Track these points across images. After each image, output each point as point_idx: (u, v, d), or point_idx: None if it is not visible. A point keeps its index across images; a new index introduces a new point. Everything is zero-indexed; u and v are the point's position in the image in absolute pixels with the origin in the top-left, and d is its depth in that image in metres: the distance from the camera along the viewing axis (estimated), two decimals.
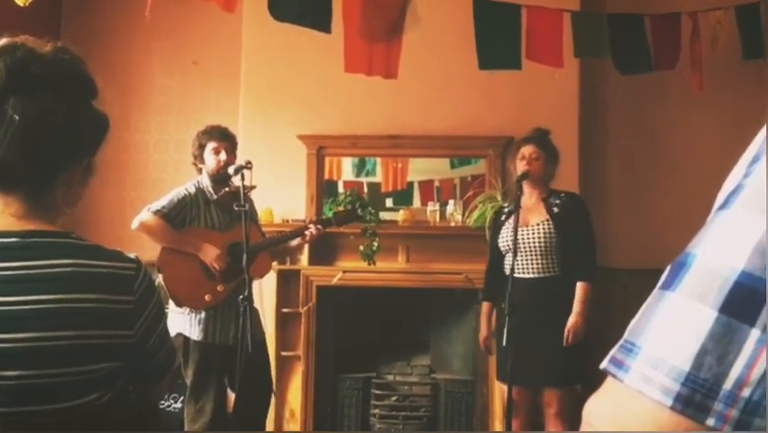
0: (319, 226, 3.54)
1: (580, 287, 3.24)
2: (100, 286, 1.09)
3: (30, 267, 1.05)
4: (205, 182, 3.43)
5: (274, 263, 4.37)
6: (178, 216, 3.31)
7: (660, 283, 0.52)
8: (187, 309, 3.30)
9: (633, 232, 4.80)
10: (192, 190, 3.39)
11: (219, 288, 3.30)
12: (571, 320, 3.20)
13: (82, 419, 1.06)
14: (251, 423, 3.36)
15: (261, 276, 3.65)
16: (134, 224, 3.26)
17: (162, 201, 3.32)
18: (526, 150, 3.38)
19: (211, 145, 3.40)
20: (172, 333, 3.25)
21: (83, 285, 1.07)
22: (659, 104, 4.89)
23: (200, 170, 3.47)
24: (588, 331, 3.26)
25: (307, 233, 3.52)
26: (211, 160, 3.39)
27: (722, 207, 0.51)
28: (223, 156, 3.38)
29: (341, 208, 3.83)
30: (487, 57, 3.87)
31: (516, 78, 4.08)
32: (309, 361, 4.36)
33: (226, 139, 3.45)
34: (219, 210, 3.40)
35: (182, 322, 3.31)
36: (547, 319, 3.22)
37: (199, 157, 3.43)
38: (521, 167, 3.35)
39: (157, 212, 3.25)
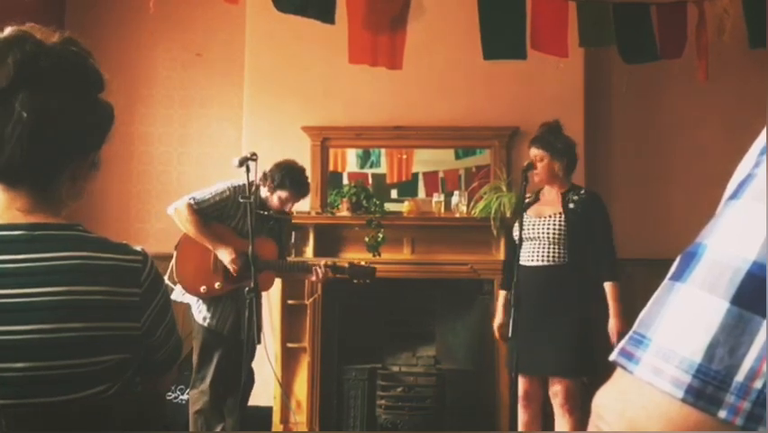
0: (328, 271, 3.68)
1: (610, 287, 3.30)
2: (107, 279, 1.09)
3: (37, 260, 1.05)
4: (259, 193, 3.56)
5: None
6: (215, 213, 3.49)
7: (670, 274, 0.51)
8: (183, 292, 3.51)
9: (639, 222, 4.78)
10: (239, 188, 3.50)
11: (217, 285, 3.48)
12: (614, 323, 3.26)
13: (89, 410, 1.06)
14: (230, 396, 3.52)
15: (264, 290, 3.73)
16: (170, 209, 3.48)
17: (204, 195, 3.48)
18: (531, 153, 3.44)
19: (286, 194, 3.54)
20: (177, 298, 3.49)
21: (90, 278, 1.07)
22: (665, 93, 4.86)
23: (264, 185, 3.57)
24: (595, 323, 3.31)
25: (315, 272, 3.65)
26: (276, 201, 3.56)
27: (732, 196, 0.50)
28: (287, 207, 3.62)
29: (361, 265, 3.82)
30: (491, 47, 3.85)
31: (520, 67, 4.06)
32: (315, 352, 4.37)
33: (302, 194, 3.64)
34: (250, 217, 3.48)
35: (191, 300, 3.53)
36: (552, 307, 3.25)
37: (271, 188, 3.55)
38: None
39: (194, 205, 3.43)
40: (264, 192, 3.58)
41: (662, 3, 4.06)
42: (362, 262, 3.83)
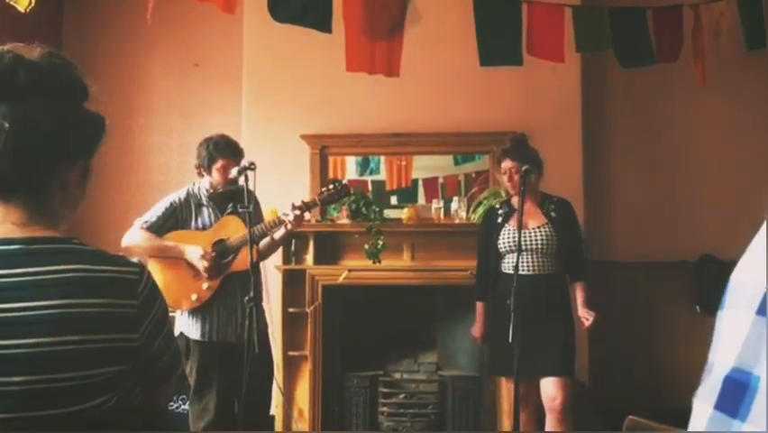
0: (297, 212, 3.33)
1: (581, 286, 3.46)
2: (104, 291, 1.09)
3: (34, 273, 1.06)
4: (201, 185, 3.46)
5: (279, 263, 4.39)
6: (168, 222, 3.38)
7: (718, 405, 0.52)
8: (181, 311, 3.37)
9: (638, 224, 4.79)
10: (183, 196, 3.44)
11: (204, 285, 3.35)
12: (584, 311, 3.40)
13: (88, 423, 1.06)
14: (254, 416, 3.36)
15: (258, 261, 3.61)
16: (123, 241, 3.33)
17: (150, 213, 3.40)
18: (503, 165, 3.49)
19: (220, 162, 3.37)
20: (176, 333, 3.30)
21: (87, 290, 1.07)
22: (662, 96, 4.88)
23: (201, 175, 3.46)
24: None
25: (287, 221, 3.34)
26: (217, 176, 3.38)
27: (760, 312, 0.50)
28: (231, 174, 3.34)
29: (329, 187, 3.48)
30: (488, 53, 3.87)
31: (518, 72, 4.07)
32: (316, 360, 4.36)
33: (235, 155, 3.40)
34: (211, 209, 3.44)
35: (184, 322, 3.38)
36: (546, 313, 3.34)
37: (205, 168, 3.41)
38: (505, 180, 3.51)
39: (144, 224, 3.36)
40: (205, 181, 3.43)
41: (657, 7, 4.07)
42: (330, 186, 3.49)
